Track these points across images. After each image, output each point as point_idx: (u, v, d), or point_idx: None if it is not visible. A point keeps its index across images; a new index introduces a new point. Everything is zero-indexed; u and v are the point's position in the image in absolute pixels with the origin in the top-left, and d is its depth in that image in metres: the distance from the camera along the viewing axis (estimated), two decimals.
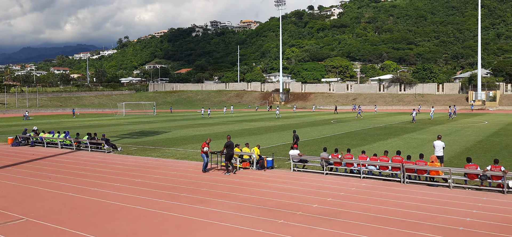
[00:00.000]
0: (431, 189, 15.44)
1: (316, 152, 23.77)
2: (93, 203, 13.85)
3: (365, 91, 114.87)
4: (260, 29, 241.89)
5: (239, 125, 49.28)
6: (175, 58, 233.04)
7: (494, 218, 11.67)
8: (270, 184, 16.55)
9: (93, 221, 11.87)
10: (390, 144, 28.71)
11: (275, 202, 13.68)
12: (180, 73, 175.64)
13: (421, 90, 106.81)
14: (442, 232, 10.51)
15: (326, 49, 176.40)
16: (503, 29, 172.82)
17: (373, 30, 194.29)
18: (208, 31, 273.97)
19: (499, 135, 33.59)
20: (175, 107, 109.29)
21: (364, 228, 10.91)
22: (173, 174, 18.77)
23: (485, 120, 52.01)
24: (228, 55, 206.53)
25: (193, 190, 15.50)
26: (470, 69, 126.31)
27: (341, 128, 43.37)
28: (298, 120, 56.78)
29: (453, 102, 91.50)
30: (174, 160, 23.10)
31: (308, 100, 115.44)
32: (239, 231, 10.81)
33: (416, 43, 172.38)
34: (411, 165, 16.52)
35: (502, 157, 21.57)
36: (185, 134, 38.34)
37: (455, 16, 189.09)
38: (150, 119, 63.47)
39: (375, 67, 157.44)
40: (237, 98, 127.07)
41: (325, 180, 17.18)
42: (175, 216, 12.21)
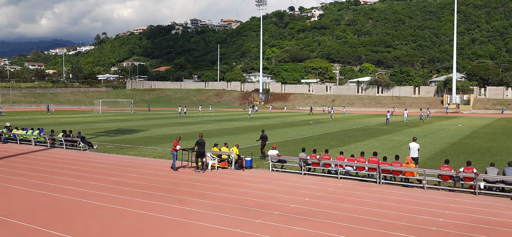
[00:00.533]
0: (406, 190, 15.75)
1: (294, 153, 23.92)
2: (68, 201, 13.58)
3: (344, 93, 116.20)
4: (240, 28, 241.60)
5: (218, 124, 49.14)
6: (154, 55, 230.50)
7: (465, 218, 12.00)
8: (249, 184, 16.56)
9: (67, 220, 11.64)
10: (367, 145, 29.14)
11: (253, 201, 13.71)
12: (159, 71, 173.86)
13: (398, 92, 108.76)
14: (415, 232, 10.74)
15: (306, 50, 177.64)
16: (477, 35, 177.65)
17: (352, 32, 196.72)
18: (188, 29, 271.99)
19: (472, 138, 34.52)
20: (153, 106, 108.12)
21: (340, 228, 11.05)
22: (150, 173, 18.57)
23: (459, 123, 53.37)
24: (208, 54, 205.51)
25: (171, 189, 15.38)
26: (445, 73, 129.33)
27: (319, 129, 43.76)
28: (277, 121, 57.01)
29: (428, 105, 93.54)
30: (152, 159, 22.86)
31: (288, 101, 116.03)
32: (217, 231, 10.79)
33: (394, 47, 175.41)
34: (387, 166, 16.81)
35: (475, 160, 22.18)
36: (163, 132, 37.98)
37: (432, 20, 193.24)
38: (128, 117, 62.62)
39: (354, 69, 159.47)
40: (217, 97, 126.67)
41: (303, 180, 17.30)
42: (152, 216, 12.09)
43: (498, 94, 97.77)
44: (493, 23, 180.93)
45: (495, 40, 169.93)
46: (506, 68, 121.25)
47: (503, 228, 11.10)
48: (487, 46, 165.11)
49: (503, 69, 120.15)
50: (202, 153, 18.93)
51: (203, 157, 19.02)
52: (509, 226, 11.32)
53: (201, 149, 18.83)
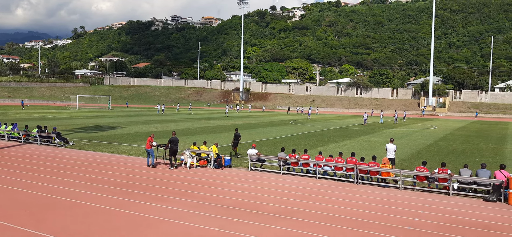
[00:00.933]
0: (382, 190, 15.99)
1: (274, 152, 23.98)
2: (42, 198, 13.26)
3: (323, 94, 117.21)
4: (221, 26, 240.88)
5: (197, 123, 48.86)
6: (133, 51, 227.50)
7: (439, 218, 12.26)
8: (227, 182, 16.53)
9: (41, 217, 11.37)
10: (346, 146, 29.47)
11: (232, 200, 13.68)
12: (138, 68, 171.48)
13: (376, 94, 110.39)
14: (391, 231, 10.92)
15: (287, 50, 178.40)
16: (454, 39, 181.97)
17: (333, 33, 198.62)
18: (168, 25, 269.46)
19: (447, 140, 35.32)
20: (132, 102, 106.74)
21: (317, 227, 11.14)
22: (127, 171, 18.32)
23: (435, 125, 54.54)
24: (188, 51, 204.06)
25: (148, 188, 15.20)
26: (422, 76, 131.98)
27: (299, 129, 44.02)
28: (257, 120, 57.08)
29: (405, 107, 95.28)
30: (129, 157, 22.55)
31: (268, 100, 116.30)
32: (194, 229, 10.72)
33: (373, 49, 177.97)
34: (364, 167, 17.04)
35: (449, 161, 22.70)
36: (141, 130, 37.52)
37: (411, 24, 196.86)
38: (105, 114, 61.61)
39: (334, 70, 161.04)
40: (197, 95, 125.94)
41: (282, 180, 17.37)
42: (128, 214, 11.93)
43: (473, 97, 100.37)
44: (469, 28, 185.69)
45: (470, 45, 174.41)
46: (480, 72, 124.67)
47: (475, 228, 11.40)
48: (463, 51, 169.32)
49: (478, 73, 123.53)
50: (175, 151, 19.15)
51: (176, 154, 19.23)
52: (481, 225, 11.64)
53: (174, 147, 19.07)
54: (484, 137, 39.15)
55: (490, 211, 13.21)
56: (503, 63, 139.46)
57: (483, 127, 53.83)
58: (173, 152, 19.15)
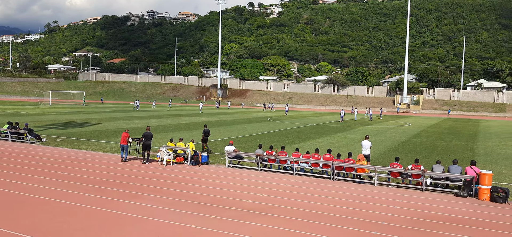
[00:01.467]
0: (357, 186, 16.23)
1: (251, 149, 24.00)
2: (13, 196, 12.88)
3: (301, 91, 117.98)
4: (199, 22, 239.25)
5: (174, 119, 48.41)
6: (108, 47, 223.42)
7: (412, 213, 12.54)
8: (204, 179, 16.45)
9: (12, 215, 11.04)
10: (322, 142, 29.76)
11: (209, 197, 13.63)
12: (113, 63, 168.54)
13: (353, 92, 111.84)
14: (366, 226, 11.10)
15: (264, 47, 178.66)
16: (428, 38, 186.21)
17: (310, 31, 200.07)
18: (145, 20, 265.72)
19: (420, 137, 36.13)
20: (107, 98, 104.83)
21: (294, 223, 11.21)
22: (102, 168, 17.99)
23: (409, 123, 55.70)
24: (165, 47, 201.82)
25: (124, 185, 14.98)
26: (397, 74, 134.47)
27: (276, 126, 44.20)
28: (235, 117, 57.01)
29: (381, 105, 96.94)
30: (104, 154, 22.15)
31: (246, 97, 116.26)
32: (171, 227, 10.63)
33: (350, 47, 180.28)
34: (340, 163, 17.25)
35: (422, 157, 23.23)
36: (116, 126, 36.91)
37: (386, 22, 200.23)
38: (79, 110, 60.33)
39: (311, 68, 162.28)
40: (173, 91, 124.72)
41: (259, 176, 17.41)
42: (103, 211, 11.72)
43: (446, 95, 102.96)
44: (443, 27, 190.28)
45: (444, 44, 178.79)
46: (453, 71, 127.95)
47: (447, 223, 11.71)
48: (436, 49, 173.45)
49: (451, 71, 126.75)
50: (148, 145, 19.62)
51: (149, 149, 19.71)
52: (452, 220, 11.96)
53: (146, 142, 19.54)
54: (456, 134, 40.23)
55: (461, 206, 13.59)
56: (475, 62, 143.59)
57: (455, 124, 55.30)
58: (146, 147, 19.52)
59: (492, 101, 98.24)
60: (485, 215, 12.63)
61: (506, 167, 21.43)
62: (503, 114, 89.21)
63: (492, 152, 27.35)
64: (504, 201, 14.03)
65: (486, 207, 13.52)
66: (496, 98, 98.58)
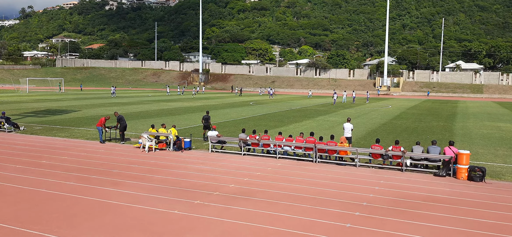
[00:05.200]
0: (340, 168, 16.43)
1: (234, 133, 23.99)
2: None
3: (283, 75, 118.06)
4: (179, 6, 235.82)
5: (156, 105, 47.94)
6: (87, 32, 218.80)
7: (393, 193, 12.79)
8: (188, 165, 16.39)
9: None
10: (305, 126, 29.95)
11: (192, 183, 13.60)
12: (92, 49, 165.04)
13: (334, 75, 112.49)
14: (348, 208, 11.27)
15: (246, 31, 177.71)
16: (408, 21, 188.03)
17: (291, 14, 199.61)
18: (123, 5, 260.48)
19: (400, 118, 36.70)
20: (86, 85, 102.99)
21: (277, 206, 11.30)
22: (83, 155, 17.74)
23: (389, 105, 56.47)
24: (144, 32, 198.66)
25: (105, 172, 14.81)
26: (378, 57, 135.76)
27: (259, 110, 44.23)
28: (217, 101, 56.79)
29: (362, 87, 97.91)
30: (84, 141, 21.83)
31: (228, 82, 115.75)
32: (154, 213, 10.58)
33: (331, 30, 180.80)
34: (323, 146, 17.40)
35: (402, 139, 23.63)
36: (96, 113, 36.34)
37: (367, 6, 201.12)
38: (58, 97, 59.13)
39: (293, 51, 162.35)
40: (154, 77, 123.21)
41: (242, 161, 17.43)
42: (85, 199, 11.58)
43: (425, 77, 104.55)
44: (422, 10, 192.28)
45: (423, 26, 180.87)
46: (432, 53, 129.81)
47: (426, 202, 11.98)
48: (416, 32, 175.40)
49: (430, 54, 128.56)
50: (125, 127, 21.33)
51: (125, 129, 21.45)
52: (432, 199, 12.25)
53: (123, 123, 21.14)
54: (435, 115, 40.99)
55: (440, 186, 13.92)
56: (453, 44, 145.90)
57: (434, 105, 56.33)
58: (123, 128, 21.13)
59: (470, 82, 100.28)
60: (463, 193, 12.96)
61: (483, 146, 21.99)
62: (480, 95, 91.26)
63: (469, 132, 28.00)
64: (481, 179, 14.42)
65: (464, 186, 13.88)
66: (473, 79, 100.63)
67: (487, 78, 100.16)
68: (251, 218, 10.36)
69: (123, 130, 21.21)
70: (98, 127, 21.03)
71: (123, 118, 21.36)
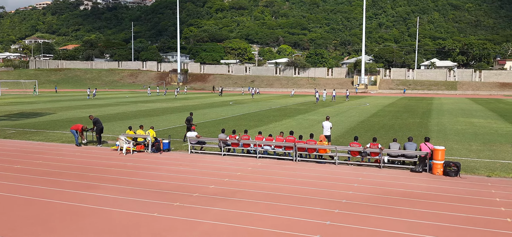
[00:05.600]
0: (319, 166, 16.54)
1: (214, 134, 23.87)
2: None
3: (262, 74, 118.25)
4: (156, 5, 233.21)
5: (133, 106, 47.28)
6: (61, 33, 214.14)
7: (371, 190, 12.95)
8: (166, 166, 16.21)
9: None
10: (285, 125, 30.06)
11: (171, 184, 13.45)
12: (67, 50, 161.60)
13: (313, 74, 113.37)
14: (328, 205, 11.35)
15: (225, 31, 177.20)
16: (384, 19, 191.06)
17: (270, 14, 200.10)
18: (98, 5, 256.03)
19: (378, 116, 37.24)
20: (61, 87, 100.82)
21: (258, 205, 11.29)
22: (58, 159, 17.33)
23: (367, 102, 57.25)
24: (121, 32, 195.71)
25: (82, 175, 14.50)
26: (355, 55, 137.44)
27: (239, 109, 44.16)
28: (196, 102, 56.43)
29: (340, 86, 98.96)
30: (60, 144, 21.33)
31: (207, 81, 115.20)
32: (132, 216, 10.41)
33: (309, 29, 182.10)
34: (302, 144, 17.49)
35: (380, 136, 23.98)
36: (72, 115, 35.60)
37: (344, 5, 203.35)
38: (32, 100, 57.65)
39: (272, 51, 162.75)
40: (132, 77, 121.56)
41: (222, 161, 17.35)
42: (60, 203, 11.30)
43: (401, 75, 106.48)
44: (397, 9, 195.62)
45: (399, 25, 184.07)
46: (408, 51, 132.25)
47: (404, 198, 12.18)
48: (392, 30, 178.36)
49: (405, 52, 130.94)
50: (101, 129, 21.10)
51: (102, 132, 21.27)
52: (409, 195, 12.46)
53: (99, 125, 20.92)
54: (411, 112, 41.77)
55: (416, 181, 14.17)
56: (428, 42, 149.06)
57: (410, 102, 57.40)
58: (100, 131, 20.90)
59: (444, 79, 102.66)
60: (439, 188, 13.23)
61: (457, 142, 22.52)
62: (455, 92, 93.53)
63: (444, 128, 28.63)
64: (456, 174, 14.75)
65: (440, 181, 14.17)
66: (448, 76, 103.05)
67: (460, 75, 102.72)
68: (231, 218, 10.31)
69: (100, 132, 20.94)
70: (72, 130, 20.70)
71: (99, 121, 21.14)
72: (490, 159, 17.90)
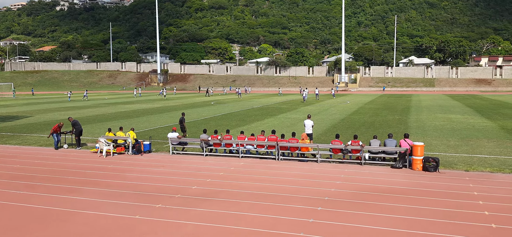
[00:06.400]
0: (302, 164, 16.61)
1: (196, 134, 23.72)
2: None
3: (243, 73, 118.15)
4: (134, 5, 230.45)
5: (112, 107, 46.60)
6: (37, 34, 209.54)
7: (353, 187, 13.07)
8: (148, 168, 16.02)
9: None
10: (267, 124, 30.09)
11: (153, 186, 13.30)
12: (43, 51, 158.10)
13: (294, 72, 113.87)
14: (311, 203, 11.40)
15: (205, 30, 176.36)
16: (363, 18, 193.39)
17: (250, 13, 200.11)
18: (75, 5, 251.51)
19: (358, 114, 37.66)
20: (38, 89, 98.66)
21: (241, 205, 11.26)
22: (36, 163, 16.93)
23: (348, 100, 57.83)
24: (99, 33, 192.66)
25: (61, 179, 14.19)
26: (335, 54, 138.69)
27: (221, 109, 44.01)
28: (177, 102, 55.99)
29: (321, 84, 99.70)
30: (38, 148, 20.85)
31: (188, 82, 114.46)
32: (113, 219, 10.24)
33: (289, 28, 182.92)
34: (284, 143, 17.53)
35: (361, 133, 24.24)
36: (50, 118, 34.85)
37: (323, 4, 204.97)
38: (8, 103, 56.22)
39: (253, 50, 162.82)
40: (111, 79, 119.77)
41: (204, 162, 17.25)
42: (38, 208, 11.03)
43: (380, 73, 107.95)
44: (375, 7, 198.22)
45: (377, 23, 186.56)
46: (386, 49, 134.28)
47: (385, 193, 12.34)
48: (371, 29, 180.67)
49: (384, 50, 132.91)
50: (80, 131, 20.74)
51: (81, 134, 20.83)
52: (389, 191, 12.62)
53: (78, 128, 20.55)
54: (390, 109, 42.38)
55: (397, 177, 14.38)
56: (406, 40, 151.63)
57: (389, 100, 58.23)
58: (79, 133, 20.51)
59: (422, 76, 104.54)
60: (419, 184, 13.45)
61: (436, 138, 22.94)
62: (432, 88, 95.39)
63: (423, 124, 29.14)
64: (435, 169, 15.02)
65: (419, 177, 14.40)
66: (425, 73, 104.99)
67: (438, 72, 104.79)
68: (214, 219, 10.25)
69: (79, 135, 20.58)
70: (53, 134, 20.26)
71: (78, 123, 20.77)
72: (468, 154, 18.31)
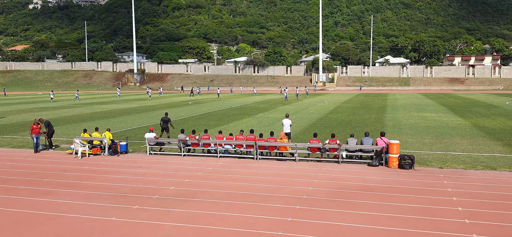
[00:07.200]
0: (280, 164, 16.68)
1: (173, 134, 23.50)
2: None
3: (222, 73, 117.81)
4: (110, 4, 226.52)
5: (88, 108, 45.73)
6: (9, 33, 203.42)
7: (331, 185, 13.22)
8: (124, 169, 15.78)
9: None
10: (245, 123, 30.08)
11: (130, 187, 13.12)
12: (16, 50, 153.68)
13: (272, 72, 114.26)
14: (289, 202, 11.47)
15: (182, 30, 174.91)
16: (340, 18, 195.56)
17: (228, 12, 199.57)
18: (49, 3, 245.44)
19: (336, 113, 38.08)
20: (10, 89, 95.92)
21: (219, 205, 11.23)
22: (9, 165, 16.45)
23: (326, 99, 58.41)
24: (73, 32, 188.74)
25: (35, 181, 13.84)
26: (313, 53, 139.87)
27: (198, 109, 43.76)
28: (155, 102, 55.39)
29: (299, 84, 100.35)
30: (10, 149, 20.27)
31: (166, 81, 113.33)
32: (89, 221, 10.05)
33: (267, 28, 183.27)
34: (263, 143, 17.57)
35: (338, 132, 24.51)
36: (23, 119, 33.92)
37: (301, 3, 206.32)
38: None
39: (231, 49, 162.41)
40: (86, 78, 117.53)
41: (182, 162, 17.12)
42: (12, 212, 10.73)
43: (357, 72, 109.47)
44: (352, 7, 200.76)
45: (354, 23, 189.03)
46: (363, 49, 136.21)
47: (362, 191, 12.52)
48: (347, 29, 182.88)
49: (361, 49, 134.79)
50: (52, 132, 20.64)
51: (52, 135, 20.76)
52: (366, 188, 12.82)
53: (51, 129, 20.48)
54: (367, 108, 43.02)
55: (373, 175, 14.61)
56: (382, 40, 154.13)
57: (366, 99, 59.11)
58: (51, 134, 20.42)
59: (398, 75, 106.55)
60: (395, 181, 13.71)
61: (411, 136, 23.42)
62: (408, 87, 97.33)
63: (399, 123, 29.70)
64: (410, 167, 15.33)
65: (395, 174, 14.68)
66: (401, 72, 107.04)
67: (413, 71, 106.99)
68: (192, 219, 10.19)
69: (51, 136, 20.37)
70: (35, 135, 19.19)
71: (50, 124, 20.54)
72: (442, 151, 18.75)
